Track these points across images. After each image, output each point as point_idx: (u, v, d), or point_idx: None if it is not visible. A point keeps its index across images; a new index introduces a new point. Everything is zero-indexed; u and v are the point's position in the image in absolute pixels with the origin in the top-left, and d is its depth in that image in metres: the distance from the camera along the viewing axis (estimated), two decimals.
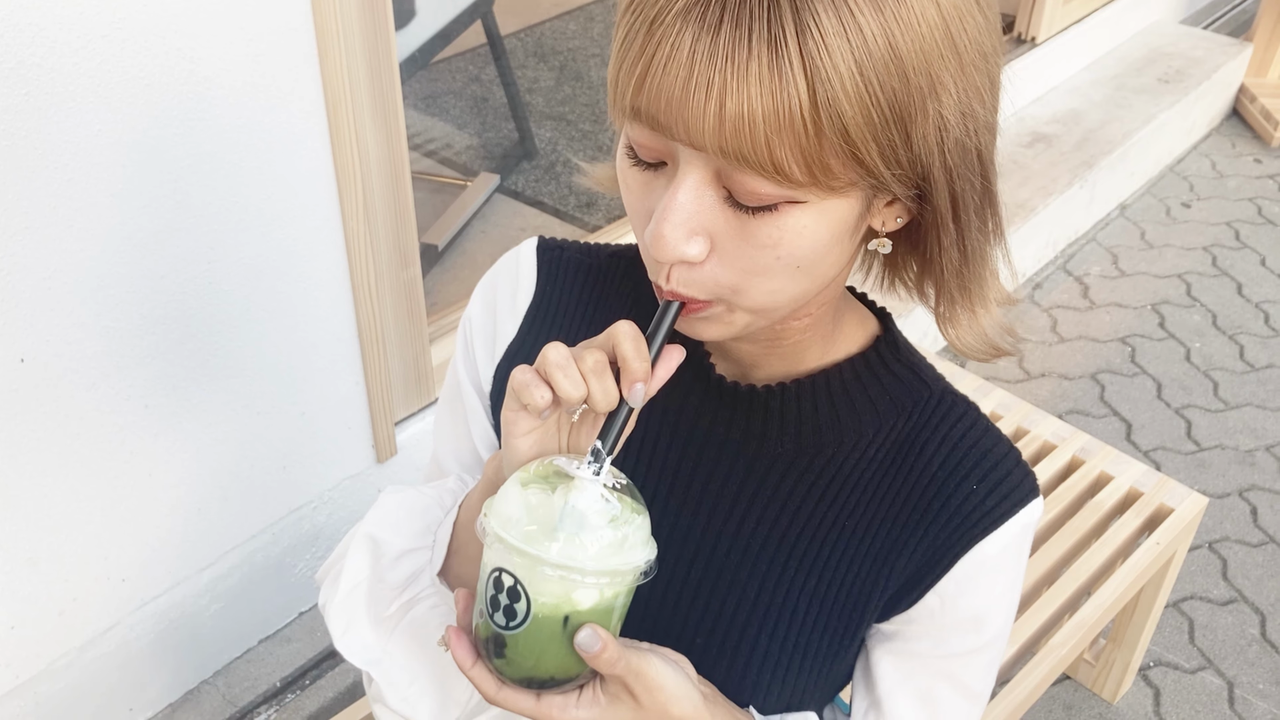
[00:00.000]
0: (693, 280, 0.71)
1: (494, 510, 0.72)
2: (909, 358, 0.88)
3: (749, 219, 0.68)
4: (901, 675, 0.89)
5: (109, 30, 1.40)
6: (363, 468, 2.04)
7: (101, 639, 1.79)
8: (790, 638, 0.86)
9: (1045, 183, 3.15)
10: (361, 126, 1.71)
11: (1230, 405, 2.80)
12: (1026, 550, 0.87)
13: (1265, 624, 2.27)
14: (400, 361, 1.99)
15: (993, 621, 0.87)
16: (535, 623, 0.70)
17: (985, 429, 0.86)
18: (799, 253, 0.70)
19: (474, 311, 0.97)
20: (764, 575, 0.87)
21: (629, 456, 0.90)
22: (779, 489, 0.87)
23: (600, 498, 0.70)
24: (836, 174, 0.65)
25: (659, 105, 0.65)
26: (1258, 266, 3.28)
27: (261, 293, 1.73)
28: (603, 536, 0.69)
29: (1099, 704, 2.13)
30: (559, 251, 0.96)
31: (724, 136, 0.63)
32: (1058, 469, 1.95)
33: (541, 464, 0.73)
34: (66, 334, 1.53)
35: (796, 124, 0.62)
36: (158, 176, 1.53)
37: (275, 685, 1.99)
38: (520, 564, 0.69)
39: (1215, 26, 4.31)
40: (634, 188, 0.73)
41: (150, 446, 1.70)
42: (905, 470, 0.85)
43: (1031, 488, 0.85)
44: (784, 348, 0.84)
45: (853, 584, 0.86)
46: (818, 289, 0.75)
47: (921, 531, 0.84)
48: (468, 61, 3.59)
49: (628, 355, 0.71)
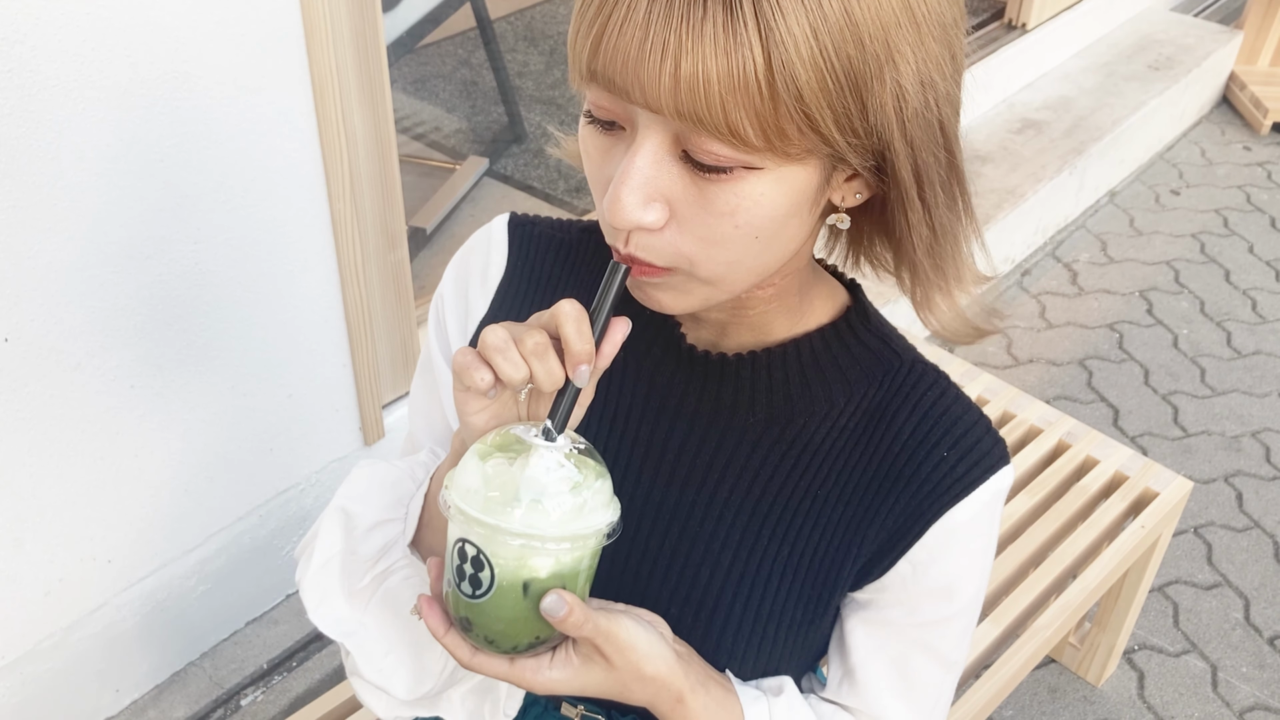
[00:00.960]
0: (651, 246, 0.71)
1: (455, 482, 0.72)
2: (879, 328, 0.88)
3: (707, 184, 0.68)
4: (875, 644, 0.90)
5: (94, 8, 1.39)
6: (350, 450, 2.04)
7: (88, 620, 1.79)
8: (765, 606, 0.87)
9: (1035, 169, 3.15)
10: (349, 109, 1.70)
11: (1217, 391, 2.81)
12: (997, 517, 0.87)
13: (1249, 608, 2.28)
14: (388, 344, 1.98)
15: (964, 589, 0.87)
16: (500, 590, 0.71)
17: (955, 397, 0.87)
18: (756, 221, 0.69)
19: (445, 288, 0.97)
20: (737, 544, 0.88)
21: (600, 426, 0.90)
22: (751, 458, 0.87)
23: (558, 464, 0.71)
24: (793, 140, 0.65)
25: (615, 67, 0.65)
26: (1246, 254, 3.29)
27: (248, 274, 1.72)
28: (563, 502, 0.70)
29: (1084, 687, 2.14)
30: (530, 227, 0.96)
31: (679, 98, 0.63)
32: (1044, 453, 1.96)
33: (500, 434, 0.73)
34: (51, 314, 1.52)
35: (751, 87, 0.62)
36: (142, 157, 1.52)
37: (262, 667, 1.99)
38: (481, 533, 0.70)
39: (1206, 14, 4.32)
40: (593, 154, 0.73)
41: (136, 427, 1.70)
42: (876, 439, 0.86)
43: (1001, 455, 0.86)
44: (750, 316, 0.84)
45: (825, 552, 0.87)
46: (776, 263, 0.75)
47: (893, 499, 0.85)
48: (457, 45, 3.58)
49: (570, 337, 0.70)
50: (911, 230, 0.74)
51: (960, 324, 0.81)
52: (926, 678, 0.90)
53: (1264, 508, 2.50)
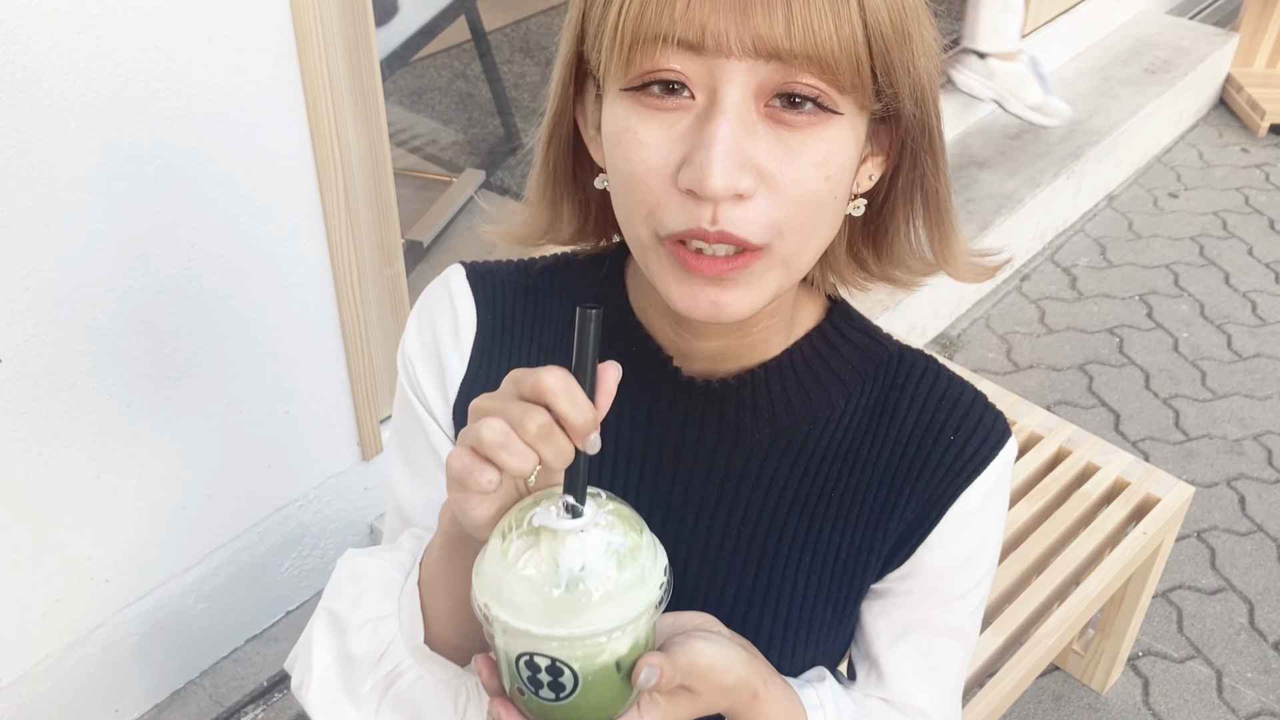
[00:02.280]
0: (743, 218, 0.69)
1: (492, 595, 0.66)
2: (861, 323, 0.90)
3: (794, 136, 0.69)
4: (896, 631, 0.90)
5: (84, 28, 1.39)
6: (348, 465, 2.04)
7: (86, 640, 1.79)
8: (793, 614, 0.87)
9: (1033, 174, 3.15)
10: (342, 124, 1.70)
11: (1218, 395, 2.80)
12: (1007, 490, 0.89)
13: (1253, 613, 2.27)
14: (385, 359, 1.98)
15: (980, 564, 0.89)
16: (588, 684, 0.67)
17: (950, 380, 0.89)
18: (838, 174, 0.71)
19: (411, 351, 0.93)
20: (759, 560, 0.88)
21: (603, 472, 0.89)
22: (761, 474, 0.87)
23: (604, 542, 0.66)
24: (866, 83, 0.70)
25: (715, 16, 0.66)
26: (1245, 256, 3.28)
27: (243, 291, 1.72)
28: (626, 578, 0.66)
29: (1088, 694, 2.13)
30: (490, 277, 0.92)
31: (794, 38, 0.66)
32: (1045, 459, 1.95)
33: (519, 524, 0.67)
34: (46, 333, 1.52)
35: (854, 21, 0.67)
36: (136, 175, 1.52)
37: (262, 685, 1.99)
38: (555, 645, 0.66)
39: (1201, 17, 4.31)
40: (648, 139, 0.70)
41: (132, 446, 1.69)
42: (882, 434, 0.87)
43: (1004, 429, 0.88)
44: (752, 338, 0.84)
45: (848, 552, 0.87)
46: (824, 243, 0.76)
47: (909, 490, 0.86)
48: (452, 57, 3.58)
49: (566, 412, 0.65)
50: (940, 179, 0.78)
51: (975, 265, 0.85)
52: (947, 657, 0.92)
53: (1267, 511, 2.49)
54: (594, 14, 0.71)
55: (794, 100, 0.68)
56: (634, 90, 0.70)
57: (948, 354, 2.88)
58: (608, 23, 0.69)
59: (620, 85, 0.70)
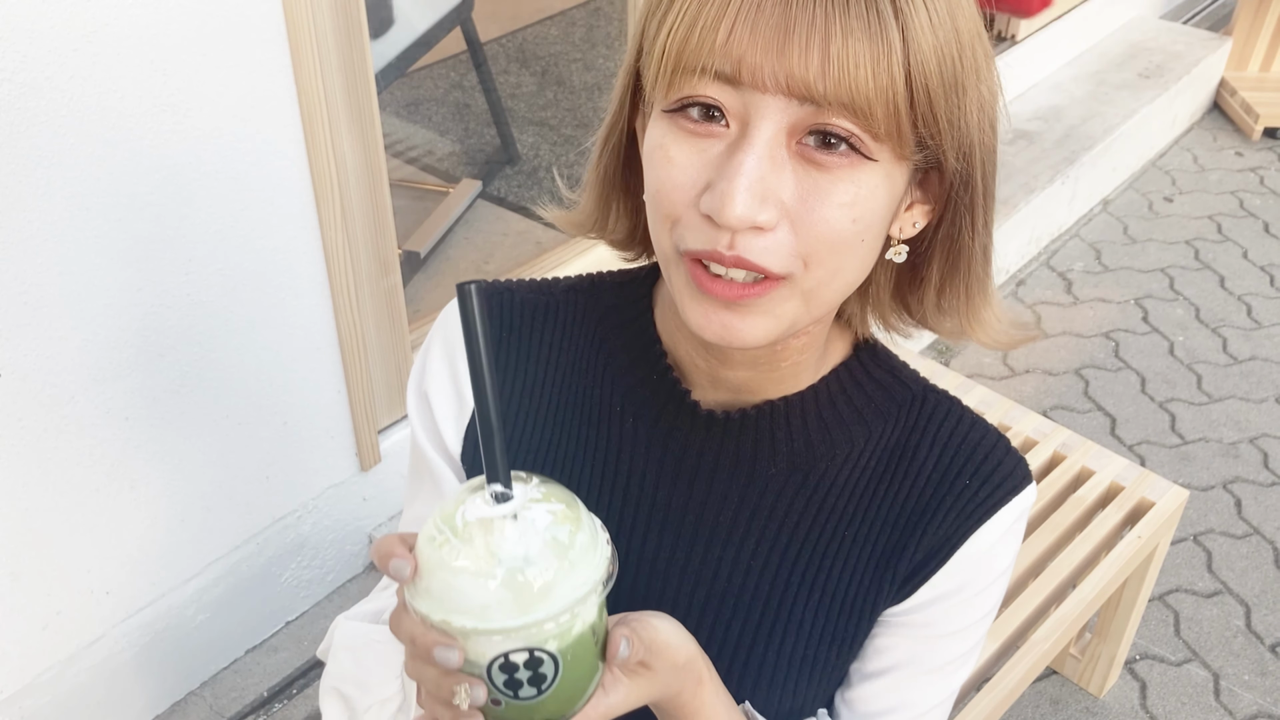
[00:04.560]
0: (764, 248, 0.69)
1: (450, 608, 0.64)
2: (887, 361, 0.88)
3: (823, 177, 0.68)
4: (882, 665, 0.89)
5: (80, 44, 1.40)
6: (346, 476, 2.04)
7: (87, 652, 1.79)
8: (797, 652, 0.86)
9: (1027, 179, 3.16)
10: (338, 136, 1.71)
11: (1214, 398, 2.81)
12: (1019, 537, 0.87)
13: (1250, 615, 2.28)
14: (382, 369, 1.99)
15: (979, 604, 0.87)
16: (569, 663, 0.67)
17: (972, 423, 0.87)
18: (868, 218, 0.70)
19: (434, 370, 0.91)
20: (767, 595, 0.87)
21: (614, 496, 0.88)
22: (775, 508, 0.86)
23: (549, 516, 0.65)
24: (907, 132, 0.69)
25: (753, 50, 0.65)
26: (1240, 259, 3.29)
27: (240, 303, 1.73)
28: (579, 541, 0.66)
29: (1086, 698, 2.13)
30: (509, 295, 0.91)
31: (828, 79, 0.65)
32: (1039, 465, 1.96)
33: (442, 521, 0.66)
34: (44, 348, 1.53)
35: (894, 70, 0.66)
36: (132, 189, 1.53)
37: (262, 695, 1.99)
38: (532, 633, 0.64)
39: (1195, 21, 4.33)
40: (679, 159, 0.70)
41: (131, 458, 1.70)
42: (900, 476, 0.86)
43: (1024, 475, 0.86)
44: (781, 370, 0.82)
45: (855, 592, 0.86)
46: (854, 284, 0.75)
47: (920, 533, 0.85)
48: (449, 68, 3.59)
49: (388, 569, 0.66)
50: (975, 240, 0.77)
51: (1003, 331, 0.83)
52: (921, 697, 0.90)
53: (1263, 514, 2.50)
54: (649, 33, 0.72)
55: (828, 140, 0.68)
56: (673, 112, 0.70)
57: (944, 359, 2.89)
58: (656, 45, 0.70)
59: (662, 106, 0.71)
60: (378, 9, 2.60)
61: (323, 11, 1.61)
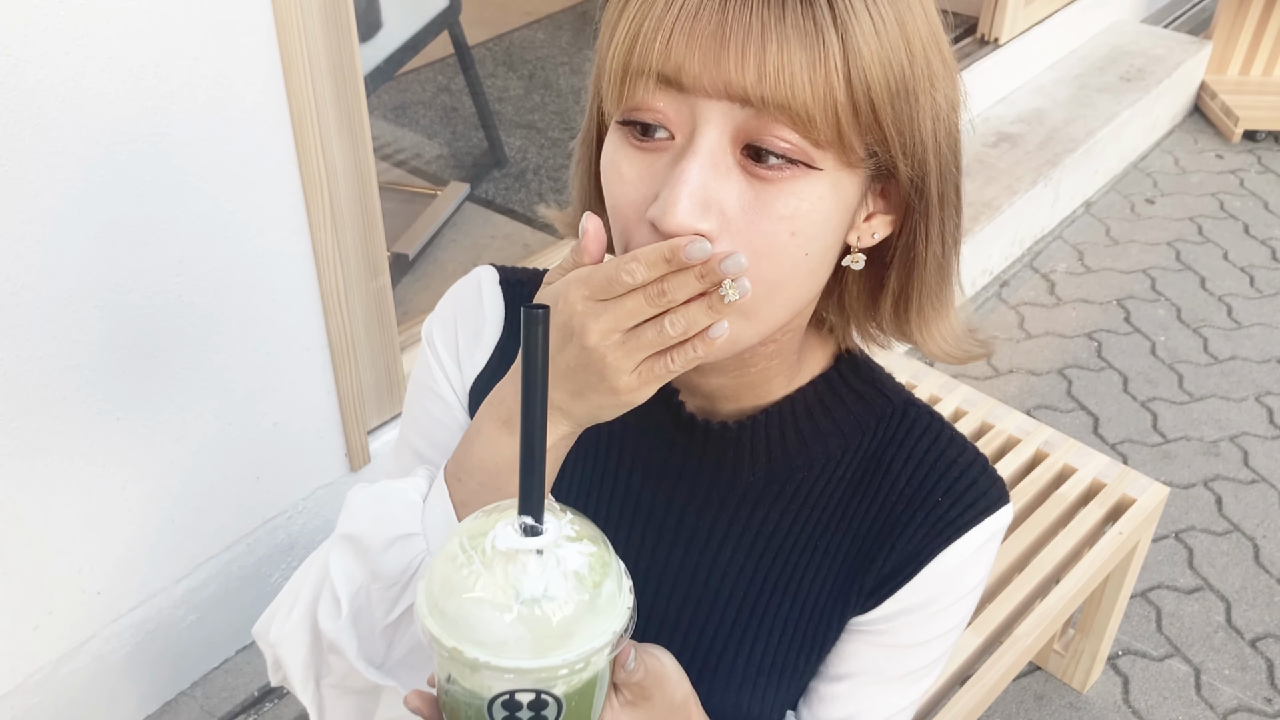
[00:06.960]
0: None
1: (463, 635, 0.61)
2: (869, 373, 0.89)
3: (765, 188, 0.68)
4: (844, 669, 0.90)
5: (72, 47, 1.41)
6: (336, 477, 2.06)
7: (77, 653, 1.80)
8: (768, 658, 0.88)
9: (1010, 181, 3.19)
10: (327, 138, 1.72)
11: (1195, 397, 2.84)
12: (991, 557, 0.88)
13: (1230, 611, 2.31)
14: (371, 371, 2.00)
15: (945, 619, 0.88)
16: (572, 708, 0.65)
17: (949, 440, 0.87)
18: (810, 230, 0.70)
19: (435, 331, 0.93)
20: (740, 601, 0.88)
21: (598, 493, 0.90)
22: (752, 517, 0.88)
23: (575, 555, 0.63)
24: (853, 140, 0.68)
25: (690, 57, 0.66)
26: (1220, 260, 3.33)
27: (230, 305, 1.74)
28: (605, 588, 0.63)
29: (1069, 693, 2.16)
30: (521, 286, 0.93)
31: (764, 84, 0.65)
32: (1022, 463, 1.98)
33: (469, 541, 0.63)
34: (35, 349, 1.54)
35: (831, 76, 0.66)
36: (123, 191, 1.54)
37: (253, 695, 2.00)
38: (542, 677, 0.62)
39: (1175, 25, 4.37)
40: (628, 174, 0.71)
41: (122, 459, 1.71)
42: (874, 488, 0.86)
43: (999, 495, 0.86)
44: (751, 377, 0.83)
45: (825, 601, 0.88)
46: (803, 299, 0.75)
47: (889, 546, 0.85)
48: (436, 71, 3.61)
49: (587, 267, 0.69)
50: (929, 249, 0.77)
51: (956, 346, 0.83)
52: (883, 706, 0.90)
53: (1243, 511, 2.53)
54: (602, 46, 0.73)
55: (761, 155, 0.68)
56: (624, 125, 0.71)
57: (927, 360, 2.91)
58: (605, 57, 0.71)
59: (616, 118, 0.72)
60: (366, 13, 2.62)
61: (312, 15, 1.62)
